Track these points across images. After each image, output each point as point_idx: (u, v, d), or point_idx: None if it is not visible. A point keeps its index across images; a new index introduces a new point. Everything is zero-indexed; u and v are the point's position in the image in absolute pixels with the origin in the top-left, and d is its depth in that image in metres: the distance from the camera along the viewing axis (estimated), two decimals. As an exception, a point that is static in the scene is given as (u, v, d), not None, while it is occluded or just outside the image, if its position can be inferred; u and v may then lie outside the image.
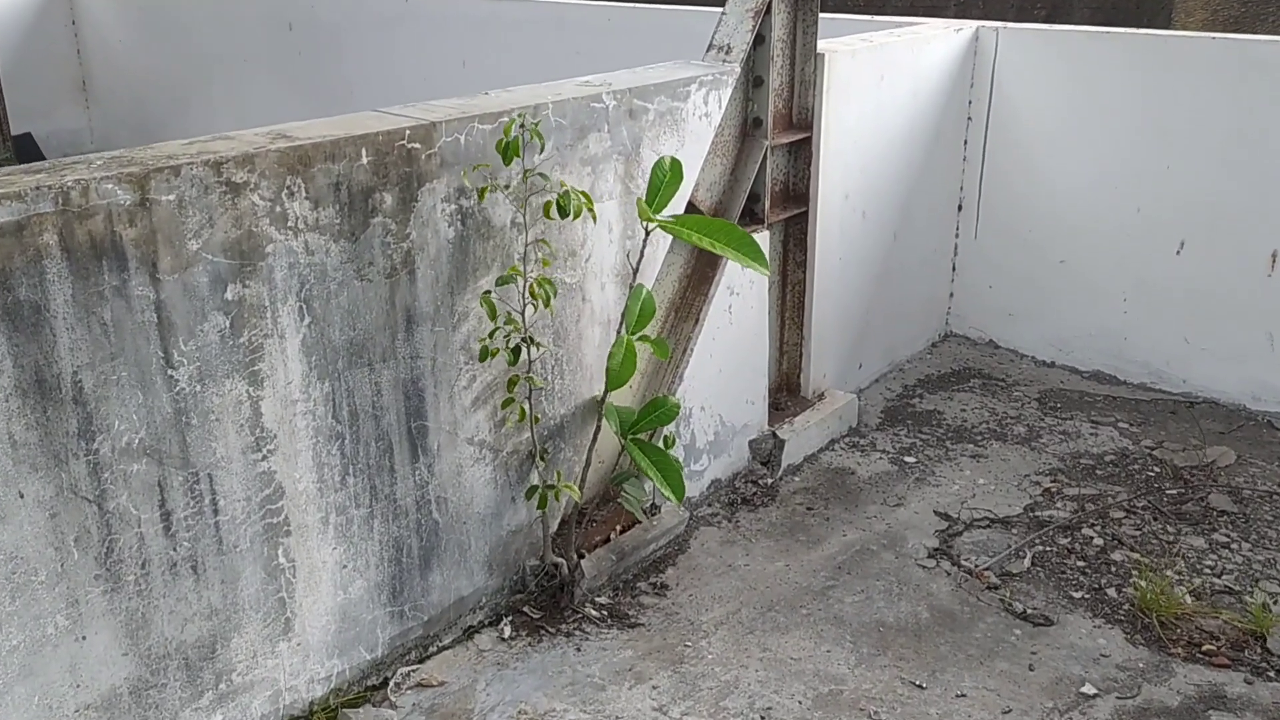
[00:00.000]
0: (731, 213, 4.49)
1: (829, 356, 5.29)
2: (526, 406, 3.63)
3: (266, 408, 3.00)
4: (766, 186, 4.62)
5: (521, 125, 3.22)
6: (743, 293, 4.59)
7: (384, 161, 3.13)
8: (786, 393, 5.24)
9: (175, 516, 2.86)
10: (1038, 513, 4.62)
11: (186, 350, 2.79)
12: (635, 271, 3.54)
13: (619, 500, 3.87)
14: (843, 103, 4.92)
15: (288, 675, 3.24)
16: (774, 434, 4.90)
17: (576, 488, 3.57)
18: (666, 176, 3.46)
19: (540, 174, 3.39)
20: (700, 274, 4.48)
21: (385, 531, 3.41)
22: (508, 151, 3.19)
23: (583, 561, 3.93)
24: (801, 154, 4.87)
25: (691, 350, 4.39)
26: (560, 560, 3.88)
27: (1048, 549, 4.36)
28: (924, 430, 5.33)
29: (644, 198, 3.49)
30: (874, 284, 5.55)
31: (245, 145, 2.87)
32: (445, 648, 3.70)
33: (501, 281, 3.36)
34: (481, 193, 3.32)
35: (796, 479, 4.88)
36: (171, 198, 2.69)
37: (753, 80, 4.52)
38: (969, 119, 6.00)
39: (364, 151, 3.07)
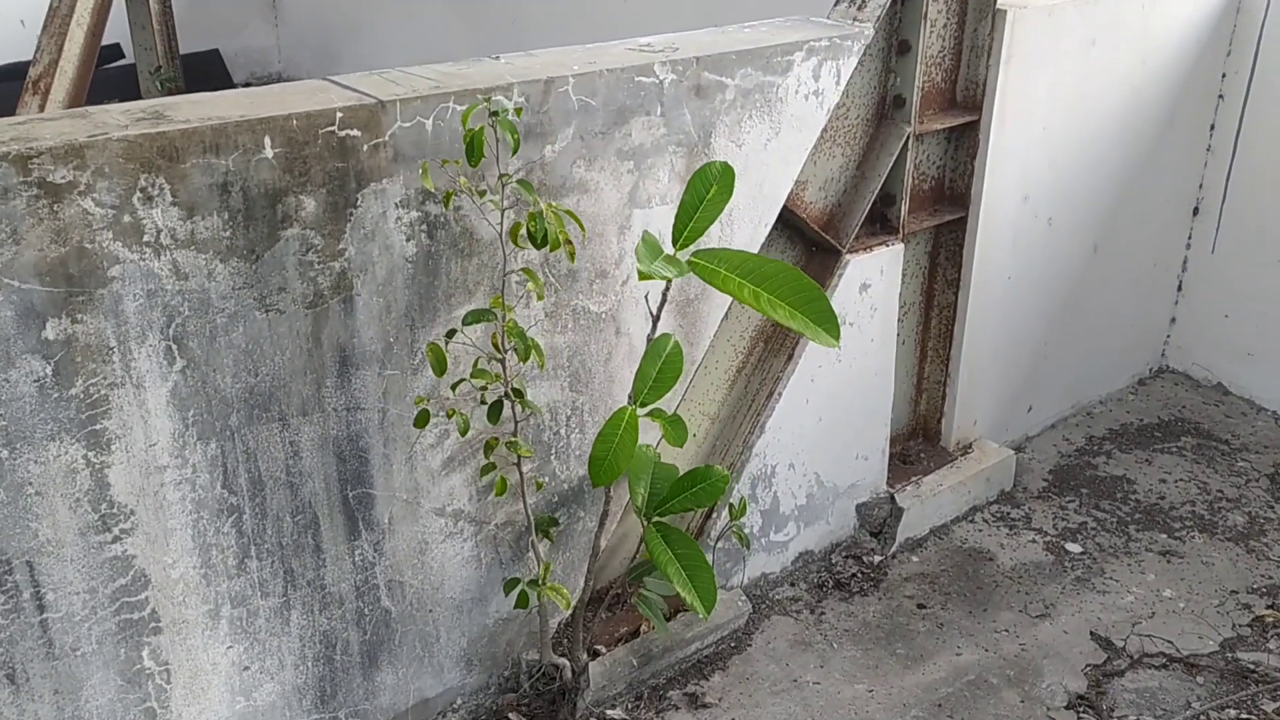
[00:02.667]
0: (850, 220, 3.43)
1: (983, 398, 4.16)
2: (517, 474, 2.78)
3: (116, 477, 2.27)
4: (906, 185, 3.52)
5: (493, 112, 2.30)
6: (859, 321, 3.54)
7: (301, 155, 2.30)
8: (923, 441, 4.15)
9: (-14, 610, 2.19)
10: (1240, 655, 3.41)
11: (-6, 402, 2.09)
12: (655, 319, 2.60)
13: (636, 600, 2.98)
14: (1029, 76, 3.72)
15: (162, 798, 2.56)
16: (892, 497, 3.85)
17: (565, 592, 2.70)
18: (710, 191, 2.47)
19: (521, 182, 2.46)
20: (801, 296, 3.45)
21: (308, 624, 2.66)
22: (472, 148, 2.29)
23: (592, 665, 3.07)
24: (964, 142, 3.72)
25: (779, 394, 3.40)
26: (562, 661, 3.04)
27: None
28: (1102, 505, 4.13)
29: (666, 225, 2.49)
30: (1059, 307, 4.34)
31: (83, 129, 2.10)
32: (399, 759, 2.94)
33: (472, 319, 2.48)
34: (447, 198, 2.44)
35: (914, 559, 3.83)
36: (-41, 202, 1.96)
37: (896, 46, 3.40)
38: (1220, 97, 4.60)
39: (267, 140, 2.25)
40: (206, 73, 10.30)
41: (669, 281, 2.50)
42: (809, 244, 3.45)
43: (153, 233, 2.16)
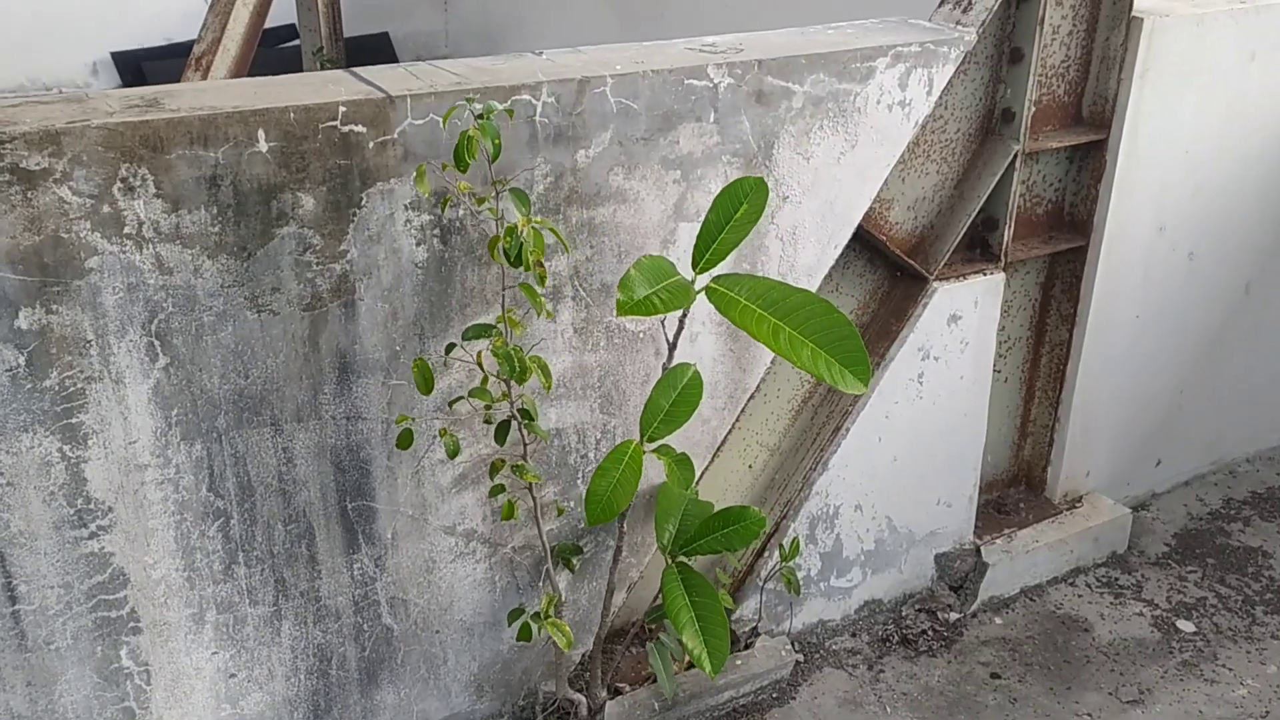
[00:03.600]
0: (942, 244, 3.11)
1: (1099, 447, 3.74)
2: (530, 500, 2.60)
3: (94, 472, 2.20)
4: (1012, 208, 3.17)
5: (480, 115, 2.12)
6: (946, 356, 3.21)
7: (299, 150, 2.17)
8: (1024, 489, 3.78)
9: (-40, 597, 2.17)
10: (1362, 775, 2.94)
11: (-34, 390, 2.05)
12: (671, 347, 2.36)
13: (651, 648, 2.76)
14: (1171, 92, 3.29)
15: (140, 799, 2.51)
16: (977, 549, 3.50)
17: (567, 630, 2.51)
18: (740, 210, 2.22)
19: (514, 190, 2.26)
20: (881, 325, 3.16)
21: (301, 636, 2.55)
22: (460, 151, 2.11)
23: (610, 704, 2.88)
24: (1088, 164, 3.33)
25: (847, 429, 3.11)
26: (579, 698, 2.85)
27: None
28: (1228, 580, 3.66)
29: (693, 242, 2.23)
30: (1201, 351, 3.87)
31: (66, 115, 2.03)
32: (399, 781, 2.82)
33: (472, 334, 2.32)
34: (444, 204, 2.28)
35: (996, 621, 3.47)
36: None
37: (1007, 54, 3.05)
38: None
39: (261, 134, 2.13)
40: (375, 55, 10.51)
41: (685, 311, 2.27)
42: (892, 269, 3.15)
43: (134, 224, 2.08)
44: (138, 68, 8.66)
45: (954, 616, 3.45)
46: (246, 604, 2.47)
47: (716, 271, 2.29)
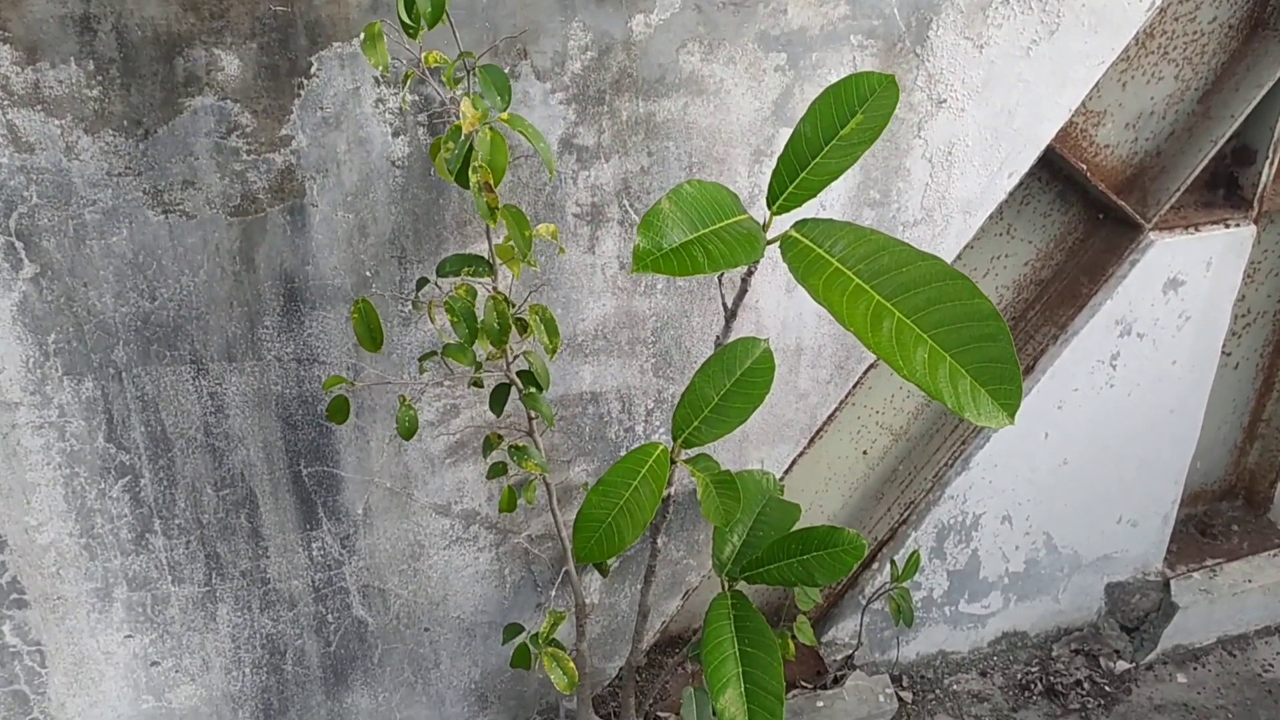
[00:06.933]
0: (1168, 180, 2.22)
1: (1355, 465, 2.80)
2: (541, 487, 1.96)
3: (-55, 408, 1.68)
4: (1278, 136, 2.24)
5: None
6: (1155, 333, 2.35)
7: (213, -14, 1.52)
8: (1241, 507, 2.89)
9: None
10: None
11: None
12: (729, 315, 1.62)
13: (684, 699, 2.09)
14: None
15: (45, 793, 2.06)
16: (1166, 583, 2.67)
17: (569, 665, 1.87)
18: (850, 123, 1.43)
19: (485, 69, 1.53)
20: (1066, 285, 2.32)
21: (244, 624, 2.01)
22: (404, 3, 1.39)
23: (643, 741, 2.25)
24: (1404, 79, 2.33)
25: (1003, 420, 2.31)
26: (603, 726, 2.24)
27: None
28: None
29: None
30: None
31: (-126, -84, 1.43)
32: (376, 796, 2.30)
33: (448, 268, 1.63)
34: (405, 78, 1.58)
35: (1179, 679, 2.66)
36: None
37: (1304, -93, 2.09)
38: None
39: (154, -41, 1.48)
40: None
41: (752, 266, 1.52)
42: (1091, 210, 2.29)
43: (-27, 80, 1.48)
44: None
45: (1122, 666, 2.65)
46: (169, 581, 1.93)
47: (804, 212, 1.53)
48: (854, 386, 2.24)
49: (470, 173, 1.36)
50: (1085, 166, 2.15)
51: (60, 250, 1.62)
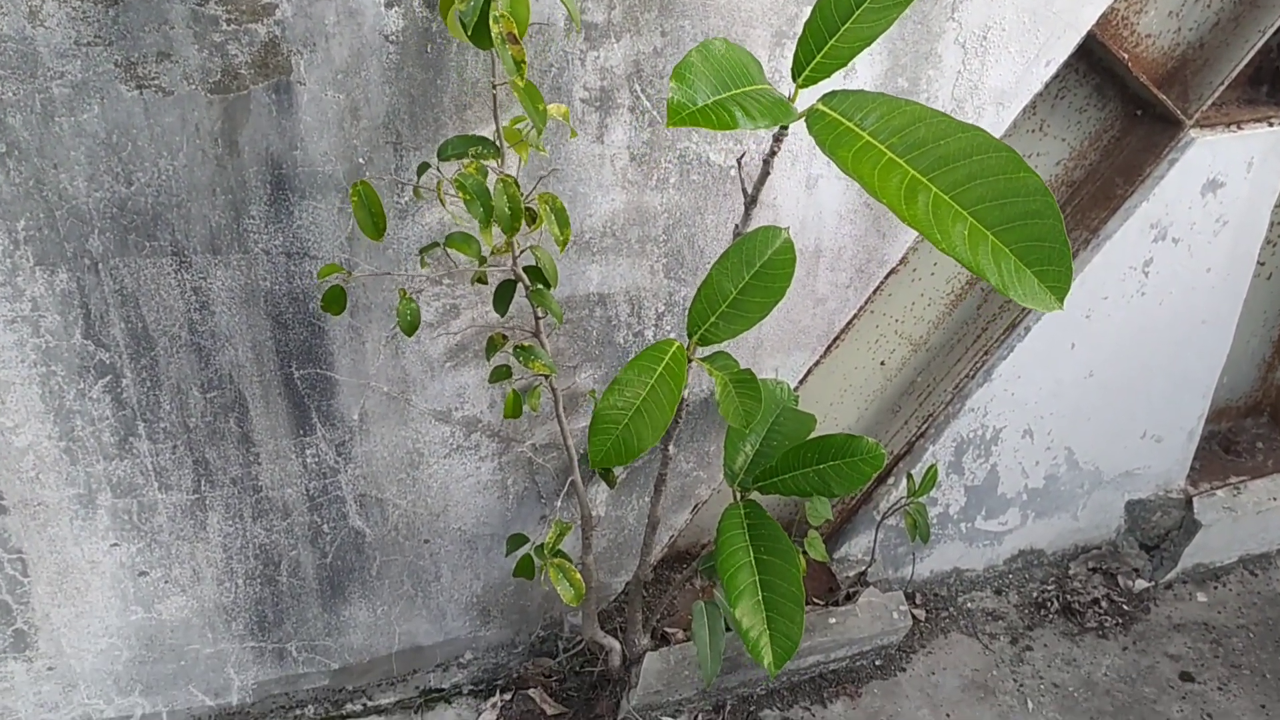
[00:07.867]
0: (1212, 73, 2.09)
1: (1387, 382, 2.71)
2: (545, 393, 1.86)
3: (-91, 300, 1.57)
4: (1332, 29, 2.10)
5: None
6: (1190, 238, 2.24)
7: None
8: (1269, 423, 2.80)
9: None
10: None
11: None
12: (750, 199, 1.50)
13: (695, 612, 2.01)
14: None
15: (33, 708, 1.98)
16: (1188, 500, 2.59)
17: (576, 577, 1.79)
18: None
19: None
20: (1101, 186, 2.21)
21: (236, 533, 1.93)
22: None
23: (649, 656, 2.18)
24: None
25: (1026, 327, 2.22)
26: (611, 643, 2.17)
27: None
28: None
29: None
30: None
31: None
32: (375, 710, 2.23)
33: (451, 151, 1.51)
34: (411, -59, 1.45)
35: (1199, 598, 2.59)
36: None
37: None
38: None
39: None
40: None
41: (777, 142, 1.40)
42: (1129, 105, 2.16)
43: (-76, -66, 1.35)
44: None
45: (1141, 585, 2.58)
46: (155, 488, 1.84)
47: (830, 85, 1.41)
48: (874, 293, 2.13)
49: (491, 23, 1.24)
50: (1127, 56, 2.02)
51: (27, 128, 1.50)
